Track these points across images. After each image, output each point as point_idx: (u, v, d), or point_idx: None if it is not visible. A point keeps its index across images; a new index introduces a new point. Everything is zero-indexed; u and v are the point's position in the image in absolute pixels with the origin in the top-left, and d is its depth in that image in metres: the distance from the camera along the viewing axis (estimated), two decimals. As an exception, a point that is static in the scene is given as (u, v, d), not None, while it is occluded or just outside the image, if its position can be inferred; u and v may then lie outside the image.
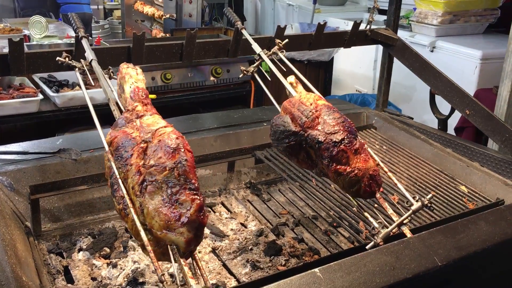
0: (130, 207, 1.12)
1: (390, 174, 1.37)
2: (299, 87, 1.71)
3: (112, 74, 1.49)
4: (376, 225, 1.36)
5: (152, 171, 1.11)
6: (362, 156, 1.38)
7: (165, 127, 1.21)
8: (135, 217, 1.11)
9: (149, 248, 1.09)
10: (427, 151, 2.23)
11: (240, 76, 1.90)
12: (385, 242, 1.30)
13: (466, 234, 1.35)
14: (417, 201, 1.32)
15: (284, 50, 1.83)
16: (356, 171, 1.37)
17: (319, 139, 1.41)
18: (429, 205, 1.30)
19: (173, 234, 1.06)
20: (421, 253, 1.25)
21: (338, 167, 1.38)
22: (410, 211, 1.33)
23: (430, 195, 1.31)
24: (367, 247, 1.30)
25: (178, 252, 1.07)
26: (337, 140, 1.39)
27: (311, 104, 1.50)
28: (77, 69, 1.54)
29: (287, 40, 1.85)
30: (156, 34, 5.53)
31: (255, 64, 1.88)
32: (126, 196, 1.13)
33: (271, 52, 1.83)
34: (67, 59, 1.56)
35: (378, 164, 1.40)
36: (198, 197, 1.08)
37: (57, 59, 1.58)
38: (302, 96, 1.55)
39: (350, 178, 1.37)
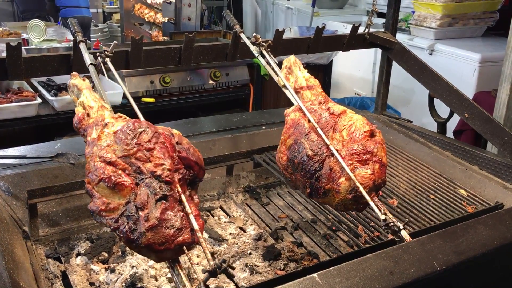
0: None
1: (362, 189, 1.34)
2: (295, 75, 1.70)
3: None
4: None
5: None
6: (334, 189, 1.38)
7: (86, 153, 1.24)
8: None
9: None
10: (426, 154, 2.23)
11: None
12: (383, 247, 1.29)
13: (466, 239, 1.35)
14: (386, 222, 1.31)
15: (269, 40, 1.82)
16: (340, 207, 1.42)
17: (304, 193, 1.50)
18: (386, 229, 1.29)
19: None
20: (420, 257, 1.24)
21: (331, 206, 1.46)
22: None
23: (383, 217, 1.28)
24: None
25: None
26: (309, 194, 1.45)
27: (280, 163, 1.55)
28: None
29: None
30: (156, 37, 5.53)
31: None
32: None
33: (258, 54, 1.82)
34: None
35: (350, 178, 1.37)
36: (119, 234, 1.11)
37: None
38: (278, 148, 1.58)
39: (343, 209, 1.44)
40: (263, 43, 1.82)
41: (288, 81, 1.70)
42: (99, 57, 1.54)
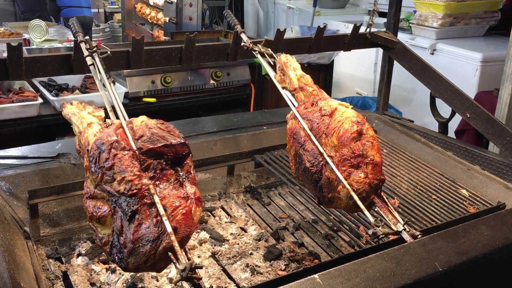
0: None
1: (356, 198, 1.34)
2: (288, 76, 1.69)
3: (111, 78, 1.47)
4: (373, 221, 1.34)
5: None
6: (335, 196, 1.40)
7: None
8: None
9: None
10: (428, 154, 2.22)
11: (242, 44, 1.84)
12: (385, 247, 1.29)
13: (467, 239, 1.34)
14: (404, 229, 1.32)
15: (265, 38, 1.84)
16: (347, 211, 1.47)
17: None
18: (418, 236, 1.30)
19: None
20: (421, 258, 1.24)
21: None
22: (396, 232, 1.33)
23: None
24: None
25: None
26: (318, 203, 1.50)
27: (293, 172, 1.59)
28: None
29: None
30: (157, 37, 5.53)
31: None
32: None
33: (260, 51, 1.83)
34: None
35: (344, 186, 1.37)
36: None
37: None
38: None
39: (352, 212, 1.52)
40: (257, 45, 1.82)
41: (284, 83, 1.69)
42: (88, 57, 1.52)
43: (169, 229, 1.04)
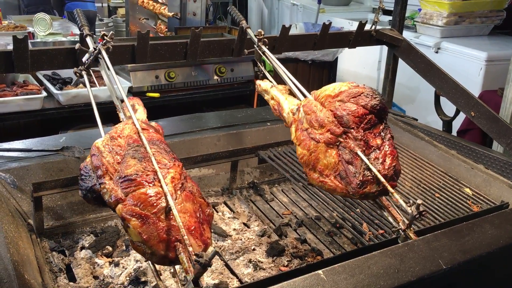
0: None
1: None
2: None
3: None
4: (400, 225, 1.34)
5: None
6: None
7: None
8: None
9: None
10: (432, 152, 2.22)
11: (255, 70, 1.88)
12: (389, 244, 1.29)
13: (471, 237, 1.34)
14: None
15: (266, 40, 1.86)
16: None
17: None
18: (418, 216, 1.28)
19: None
20: (425, 256, 1.24)
21: None
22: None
23: (418, 201, 1.25)
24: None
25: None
26: None
27: None
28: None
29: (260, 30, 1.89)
30: (161, 30, 5.52)
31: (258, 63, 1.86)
32: None
33: (258, 48, 1.83)
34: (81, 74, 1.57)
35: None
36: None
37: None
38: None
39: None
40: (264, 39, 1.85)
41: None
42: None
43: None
